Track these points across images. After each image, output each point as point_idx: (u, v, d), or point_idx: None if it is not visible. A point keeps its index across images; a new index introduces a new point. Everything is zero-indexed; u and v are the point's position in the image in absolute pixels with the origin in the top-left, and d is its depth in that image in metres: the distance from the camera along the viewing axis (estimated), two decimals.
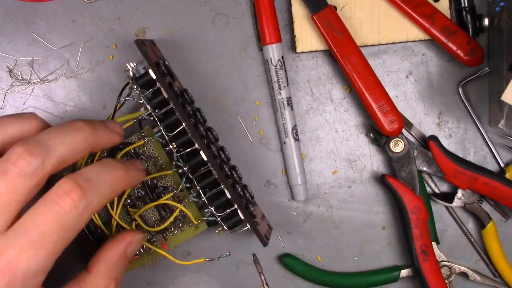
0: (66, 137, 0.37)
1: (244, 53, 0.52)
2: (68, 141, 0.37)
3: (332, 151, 0.53)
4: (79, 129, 0.38)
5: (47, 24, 0.51)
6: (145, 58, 0.43)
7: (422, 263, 0.50)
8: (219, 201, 0.45)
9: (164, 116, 0.45)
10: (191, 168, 0.45)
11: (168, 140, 0.45)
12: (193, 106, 0.48)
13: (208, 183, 0.45)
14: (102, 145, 0.40)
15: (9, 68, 0.52)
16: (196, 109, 0.48)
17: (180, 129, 0.44)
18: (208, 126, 0.48)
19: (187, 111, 0.45)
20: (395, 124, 0.49)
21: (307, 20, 0.50)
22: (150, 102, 0.44)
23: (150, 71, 0.43)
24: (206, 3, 0.52)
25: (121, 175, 0.39)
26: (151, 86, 0.44)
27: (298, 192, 0.52)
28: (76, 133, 0.37)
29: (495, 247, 0.52)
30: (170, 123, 0.44)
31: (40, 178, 0.35)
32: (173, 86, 0.45)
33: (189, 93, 0.47)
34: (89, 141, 0.38)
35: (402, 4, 0.50)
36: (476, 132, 0.53)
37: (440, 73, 0.53)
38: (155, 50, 0.48)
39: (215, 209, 0.45)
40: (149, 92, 0.44)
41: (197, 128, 0.44)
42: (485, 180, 0.50)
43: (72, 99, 0.52)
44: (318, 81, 0.53)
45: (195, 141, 0.44)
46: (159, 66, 0.45)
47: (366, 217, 0.53)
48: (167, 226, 0.47)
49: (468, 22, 0.50)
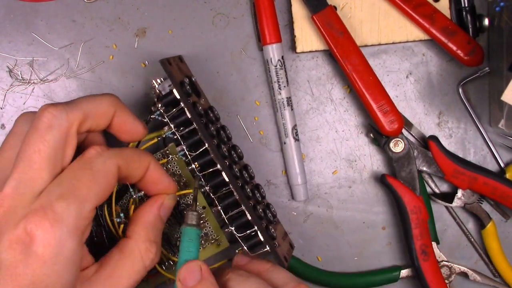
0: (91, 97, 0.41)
1: (244, 53, 0.52)
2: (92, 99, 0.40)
3: (332, 151, 0.53)
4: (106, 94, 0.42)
5: (47, 24, 0.51)
6: (169, 78, 0.44)
7: (422, 263, 0.50)
8: (240, 221, 0.45)
9: (188, 135, 0.45)
10: (213, 188, 0.45)
11: (191, 160, 0.45)
12: (217, 124, 0.48)
13: (229, 203, 0.45)
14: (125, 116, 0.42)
15: (9, 68, 0.52)
16: (221, 127, 0.48)
17: (203, 149, 0.44)
18: (233, 144, 0.49)
19: (211, 131, 0.45)
20: (395, 124, 0.49)
21: (307, 20, 0.50)
22: (174, 121, 0.45)
23: (174, 91, 0.44)
24: (206, 3, 0.52)
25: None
26: (175, 105, 0.44)
27: (298, 192, 0.52)
28: (101, 96, 0.41)
29: (495, 247, 0.52)
30: (194, 142, 0.45)
31: (66, 129, 0.38)
32: (197, 106, 0.45)
33: (215, 111, 0.48)
34: (112, 103, 0.41)
35: (402, 4, 0.50)
36: (476, 132, 0.53)
37: (440, 73, 0.53)
38: (182, 66, 0.49)
39: (235, 229, 0.45)
40: (174, 111, 0.45)
41: (219, 148, 0.45)
42: (485, 180, 0.50)
43: (72, 99, 0.52)
44: (318, 81, 0.53)
45: (217, 162, 0.44)
46: (183, 85, 0.45)
47: (366, 217, 0.53)
48: None
49: (468, 22, 0.50)
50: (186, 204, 0.48)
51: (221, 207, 0.45)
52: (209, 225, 0.48)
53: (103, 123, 0.41)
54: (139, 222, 0.42)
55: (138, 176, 0.42)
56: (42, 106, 0.38)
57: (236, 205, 0.45)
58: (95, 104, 0.40)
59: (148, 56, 0.52)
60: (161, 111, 0.45)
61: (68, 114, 0.38)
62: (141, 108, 0.52)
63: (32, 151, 0.36)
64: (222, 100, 0.52)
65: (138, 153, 0.42)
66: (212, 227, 0.48)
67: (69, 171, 0.37)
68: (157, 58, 0.52)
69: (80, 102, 0.40)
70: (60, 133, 0.37)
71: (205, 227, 0.48)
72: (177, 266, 0.41)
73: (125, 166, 0.40)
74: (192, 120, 0.44)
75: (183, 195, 0.48)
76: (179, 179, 0.48)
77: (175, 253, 0.48)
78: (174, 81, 0.44)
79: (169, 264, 0.47)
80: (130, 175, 0.41)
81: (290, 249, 0.50)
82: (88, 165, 0.38)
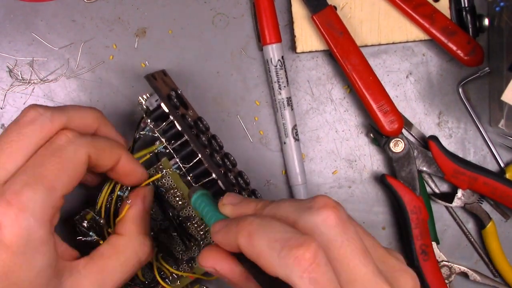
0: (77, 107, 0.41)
1: (244, 53, 0.52)
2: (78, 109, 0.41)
3: (332, 151, 0.53)
4: (92, 108, 0.42)
5: (47, 24, 0.51)
6: (156, 93, 0.44)
7: (422, 263, 0.50)
8: None
9: (180, 147, 0.45)
10: None
11: (185, 172, 0.45)
12: (208, 134, 0.48)
13: None
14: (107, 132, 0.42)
15: (9, 68, 0.52)
16: (211, 136, 0.48)
17: (196, 160, 0.45)
18: (225, 152, 0.49)
19: (202, 141, 0.45)
20: (395, 124, 0.49)
21: (307, 20, 0.50)
22: (165, 135, 0.45)
23: (163, 105, 0.44)
24: (206, 3, 0.52)
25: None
26: (164, 119, 0.45)
27: (298, 192, 0.52)
28: (88, 108, 0.42)
29: (495, 247, 0.52)
30: (186, 154, 0.45)
31: (48, 129, 0.38)
32: (186, 117, 0.45)
33: (204, 121, 0.48)
34: (97, 117, 0.42)
35: (402, 4, 0.50)
36: (476, 132, 0.53)
37: (440, 73, 0.53)
38: (167, 80, 0.49)
39: None
40: (163, 125, 0.45)
41: (212, 157, 0.45)
42: (485, 180, 0.50)
43: (72, 99, 0.52)
44: (318, 81, 0.53)
45: (212, 171, 0.45)
46: (171, 98, 0.45)
47: (366, 217, 0.53)
48: (193, 256, 0.47)
49: (468, 22, 0.50)
50: (185, 216, 0.48)
51: None
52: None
53: (84, 132, 0.40)
54: (128, 218, 0.42)
55: (108, 166, 0.41)
56: (30, 105, 0.38)
57: None
58: (80, 114, 0.40)
59: (148, 56, 0.52)
60: (151, 126, 0.45)
61: (52, 115, 0.38)
62: None
63: (4, 142, 0.37)
64: (222, 100, 0.52)
65: (110, 144, 0.41)
66: None
67: (37, 158, 0.37)
68: (157, 58, 0.52)
69: (67, 109, 0.40)
70: (40, 130, 0.37)
71: (207, 238, 0.48)
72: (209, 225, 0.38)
73: (96, 156, 0.39)
74: (183, 132, 0.45)
75: (181, 207, 0.48)
76: (175, 192, 0.48)
77: (179, 266, 0.47)
78: (161, 95, 0.44)
79: (173, 278, 0.47)
80: (100, 165, 0.40)
81: None
82: (58, 152, 0.37)
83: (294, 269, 0.29)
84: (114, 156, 0.41)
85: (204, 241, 0.47)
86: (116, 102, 0.52)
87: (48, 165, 0.37)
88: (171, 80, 0.50)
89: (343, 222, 0.31)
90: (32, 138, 0.37)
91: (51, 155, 0.37)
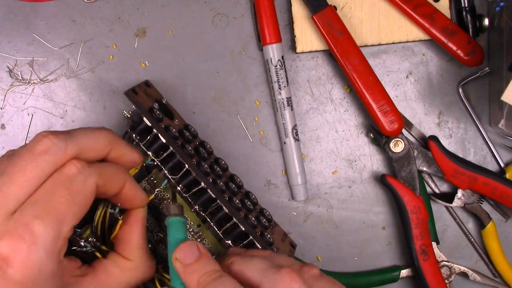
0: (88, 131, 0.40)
1: (244, 53, 0.52)
2: (90, 134, 0.40)
3: (332, 151, 0.53)
4: (103, 129, 0.41)
5: (47, 24, 0.51)
6: (137, 108, 0.44)
7: (422, 263, 0.50)
8: (235, 233, 0.46)
9: (168, 158, 0.45)
10: (202, 205, 0.46)
11: (175, 183, 0.45)
12: (196, 141, 0.48)
13: (221, 217, 0.46)
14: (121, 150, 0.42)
15: (9, 68, 0.52)
16: (200, 143, 0.48)
17: (184, 171, 0.45)
18: (216, 157, 0.49)
19: (188, 151, 0.45)
20: (395, 124, 0.49)
21: (307, 20, 0.50)
22: (151, 148, 0.45)
23: (145, 119, 0.44)
24: (206, 3, 0.52)
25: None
26: (149, 132, 0.45)
27: (298, 192, 0.52)
28: (99, 131, 0.40)
29: (495, 247, 0.52)
30: (174, 165, 0.45)
31: (61, 159, 0.37)
32: (170, 129, 0.45)
33: (191, 128, 0.48)
34: (109, 140, 0.40)
35: (402, 4, 0.50)
36: (476, 132, 0.53)
37: (440, 73, 0.53)
38: (150, 91, 0.49)
39: (232, 242, 0.46)
40: (149, 138, 0.45)
41: (200, 166, 0.45)
42: (485, 180, 0.50)
43: (72, 99, 0.52)
44: (318, 81, 0.53)
45: (200, 180, 0.45)
46: (153, 111, 0.45)
47: (366, 217, 0.53)
48: None
49: (468, 22, 0.50)
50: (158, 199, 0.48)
51: (214, 223, 0.46)
52: (207, 242, 0.48)
53: (96, 158, 0.40)
54: (134, 245, 0.42)
55: (114, 192, 0.41)
56: (42, 132, 0.37)
57: (228, 219, 0.45)
58: (92, 140, 0.39)
59: (148, 56, 0.52)
60: (136, 141, 0.45)
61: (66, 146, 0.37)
62: None
63: (17, 169, 0.36)
64: (222, 100, 0.52)
65: (117, 171, 0.41)
66: (211, 243, 0.48)
67: (46, 189, 0.36)
68: (157, 58, 0.52)
69: (78, 135, 0.39)
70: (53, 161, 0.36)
71: (204, 244, 0.48)
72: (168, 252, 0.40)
73: (103, 184, 0.39)
74: (168, 144, 0.44)
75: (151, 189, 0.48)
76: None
77: None
78: (142, 110, 0.44)
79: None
80: (106, 192, 0.40)
81: (292, 249, 0.50)
82: (68, 184, 0.37)
83: None
84: (120, 183, 0.41)
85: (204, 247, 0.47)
86: (116, 102, 0.52)
87: (58, 197, 0.36)
88: (155, 90, 0.50)
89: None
90: (45, 168, 0.36)
91: (61, 186, 0.36)
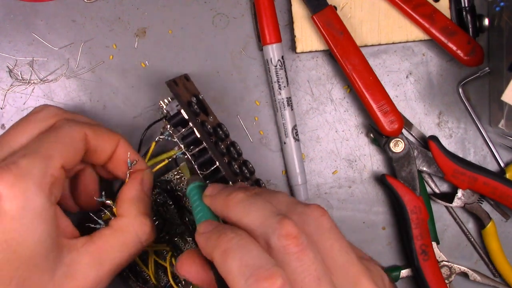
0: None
1: (244, 53, 0.52)
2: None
3: (332, 151, 0.53)
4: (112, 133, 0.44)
5: (47, 24, 0.51)
6: (176, 99, 0.44)
7: (422, 263, 0.50)
8: None
9: (198, 154, 0.45)
10: None
11: (203, 178, 0.45)
12: (227, 141, 0.48)
13: None
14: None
15: (9, 68, 0.52)
16: (231, 143, 0.48)
17: (214, 168, 0.45)
18: (244, 160, 0.49)
19: (221, 149, 0.45)
20: (395, 124, 0.49)
21: (307, 20, 0.50)
22: (184, 141, 0.45)
23: (183, 112, 0.44)
24: (206, 3, 0.52)
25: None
26: (184, 125, 0.45)
27: (298, 192, 0.52)
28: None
29: (495, 247, 0.52)
30: (204, 161, 0.45)
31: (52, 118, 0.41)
32: (205, 125, 0.45)
33: (224, 127, 0.48)
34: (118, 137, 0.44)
35: (402, 4, 0.49)
36: (476, 132, 0.53)
37: (440, 73, 0.53)
38: (188, 85, 0.49)
39: None
40: (183, 131, 0.45)
41: (231, 166, 0.45)
42: (485, 180, 0.50)
43: (72, 99, 0.52)
44: (318, 81, 0.53)
45: (230, 180, 0.45)
46: (191, 105, 0.45)
47: (366, 217, 0.53)
48: None
49: (468, 22, 0.50)
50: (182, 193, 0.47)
51: None
52: None
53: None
54: (126, 200, 0.42)
55: (108, 151, 0.42)
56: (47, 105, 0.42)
57: None
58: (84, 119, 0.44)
59: (148, 56, 0.52)
60: (170, 131, 0.45)
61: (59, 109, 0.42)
62: (142, 109, 0.52)
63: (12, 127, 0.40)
64: (222, 100, 0.52)
65: (107, 130, 0.43)
66: None
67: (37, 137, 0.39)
68: (157, 58, 0.52)
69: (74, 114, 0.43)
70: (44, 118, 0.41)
71: None
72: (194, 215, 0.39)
73: (93, 137, 0.41)
74: (202, 139, 0.44)
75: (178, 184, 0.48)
76: None
77: None
78: (181, 102, 0.44)
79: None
80: (98, 149, 0.41)
81: None
82: (54, 129, 0.39)
83: None
84: (112, 140, 0.42)
85: None
86: (116, 102, 0.52)
87: (46, 140, 0.38)
88: (193, 85, 0.50)
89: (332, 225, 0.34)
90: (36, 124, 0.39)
91: (49, 132, 0.39)
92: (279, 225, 0.31)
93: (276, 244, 0.31)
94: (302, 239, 0.31)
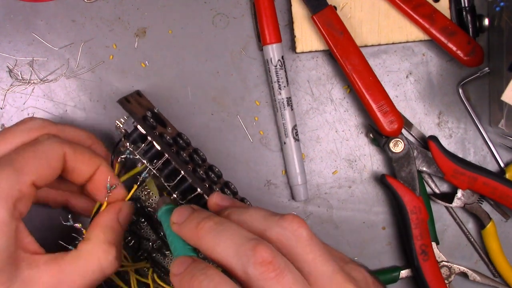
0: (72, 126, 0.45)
1: (244, 53, 0.52)
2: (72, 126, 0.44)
3: (332, 151, 0.53)
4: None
5: (47, 24, 0.51)
6: (130, 115, 0.45)
7: (422, 263, 0.50)
8: None
9: (163, 166, 0.45)
10: None
11: (170, 190, 0.45)
12: (189, 149, 0.48)
13: None
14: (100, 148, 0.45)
15: (9, 68, 0.52)
16: (193, 151, 0.48)
17: (180, 177, 0.45)
18: (210, 165, 0.49)
19: (183, 157, 0.45)
20: (395, 124, 0.49)
21: (307, 20, 0.50)
22: (146, 156, 0.45)
23: (139, 127, 0.44)
24: (206, 3, 0.52)
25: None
26: (143, 140, 0.45)
27: (298, 192, 0.52)
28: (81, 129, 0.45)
29: (495, 247, 0.52)
30: (169, 172, 0.45)
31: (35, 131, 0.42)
32: (164, 136, 0.45)
33: (184, 136, 0.48)
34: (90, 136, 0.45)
35: (402, 4, 0.50)
36: (476, 132, 0.53)
37: (440, 73, 0.53)
38: (141, 101, 0.49)
39: None
40: (143, 146, 0.45)
41: (195, 172, 0.45)
42: (485, 180, 0.50)
43: (72, 99, 0.52)
44: (318, 81, 0.53)
45: (197, 186, 0.45)
46: (146, 119, 0.45)
47: (366, 217, 0.53)
48: None
49: (468, 22, 0.50)
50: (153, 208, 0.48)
51: None
52: None
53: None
54: (97, 226, 0.41)
55: (86, 172, 0.42)
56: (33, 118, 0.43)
57: None
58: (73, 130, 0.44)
59: (148, 56, 0.52)
60: (130, 149, 0.45)
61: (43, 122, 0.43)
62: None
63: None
64: (222, 100, 0.52)
65: (89, 152, 0.43)
66: None
67: (15, 149, 0.39)
68: (157, 58, 0.52)
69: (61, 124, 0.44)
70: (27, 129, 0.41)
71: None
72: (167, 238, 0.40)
73: (72, 157, 0.40)
74: (163, 151, 0.44)
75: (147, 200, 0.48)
76: None
77: None
78: (136, 117, 0.44)
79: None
80: (76, 170, 0.41)
81: None
82: (34, 143, 0.39)
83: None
84: (93, 163, 0.42)
85: None
86: (116, 103, 0.52)
87: (22, 153, 0.38)
88: (146, 100, 0.50)
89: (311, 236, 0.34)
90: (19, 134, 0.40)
91: (28, 146, 0.39)
92: (253, 252, 0.32)
93: (253, 272, 0.32)
94: (278, 263, 0.32)
